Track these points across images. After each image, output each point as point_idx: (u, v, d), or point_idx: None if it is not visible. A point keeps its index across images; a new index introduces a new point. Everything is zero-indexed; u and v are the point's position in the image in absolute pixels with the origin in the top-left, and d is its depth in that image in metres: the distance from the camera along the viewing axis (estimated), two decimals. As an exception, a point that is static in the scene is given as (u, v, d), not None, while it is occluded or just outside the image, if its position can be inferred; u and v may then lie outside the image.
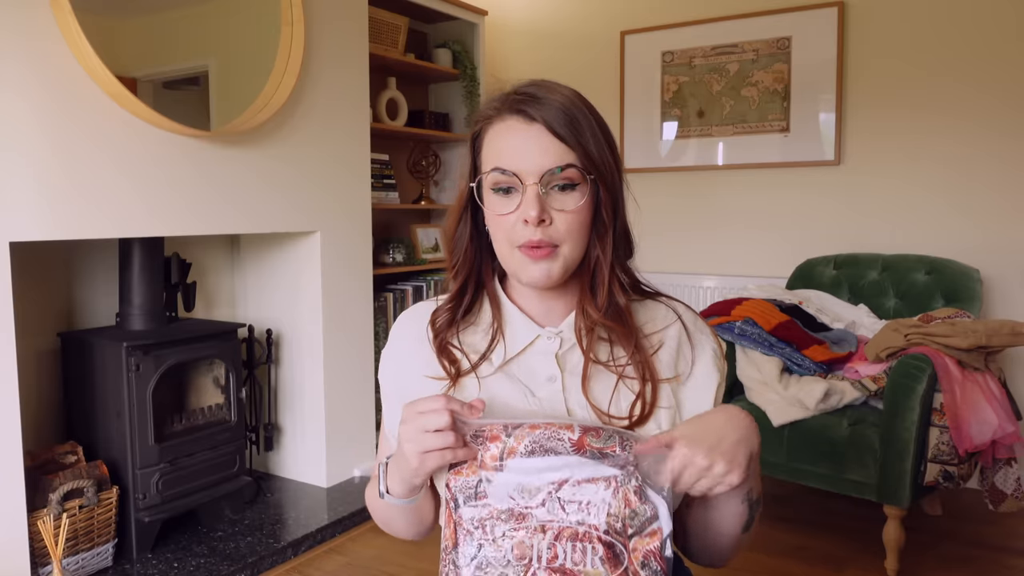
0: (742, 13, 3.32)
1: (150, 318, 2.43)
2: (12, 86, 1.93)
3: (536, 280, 0.89)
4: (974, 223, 2.94)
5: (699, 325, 0.99)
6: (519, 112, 0.88)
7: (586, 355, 0.92)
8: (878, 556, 2.30)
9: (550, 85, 0.91)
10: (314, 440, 2.89)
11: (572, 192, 0.88)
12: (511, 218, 0.88)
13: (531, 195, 0.86)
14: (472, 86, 3.70)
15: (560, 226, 0.87)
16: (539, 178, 0.86)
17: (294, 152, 2.67)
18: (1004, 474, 2.22)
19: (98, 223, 2.12)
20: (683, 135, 3.52)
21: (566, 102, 0.88)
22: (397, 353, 1.02)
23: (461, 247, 0.97)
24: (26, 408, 2.18)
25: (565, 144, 0.86)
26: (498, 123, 0.90)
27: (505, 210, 0.88)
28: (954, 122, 2.96)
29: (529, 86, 0.91)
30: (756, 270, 3.39)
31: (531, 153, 0.86)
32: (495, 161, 0.88)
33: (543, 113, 0.86)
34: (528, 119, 0.87)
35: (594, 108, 0.92)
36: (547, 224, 0.87)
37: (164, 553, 2.33)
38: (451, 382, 0.93)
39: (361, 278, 3.00)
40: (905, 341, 2.30)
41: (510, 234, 0.89)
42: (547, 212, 0.87)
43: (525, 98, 0.88)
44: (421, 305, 1.04)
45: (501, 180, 0.88)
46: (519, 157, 0.87)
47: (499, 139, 0.89)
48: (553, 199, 0.87)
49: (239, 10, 2.49)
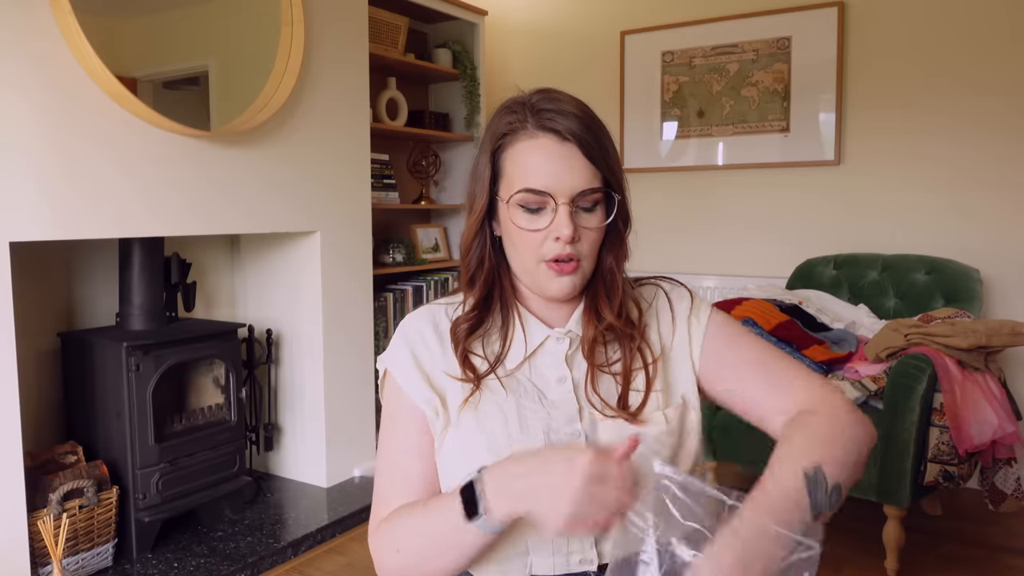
0: (742, 13, 3.32)
1: (150, 318, 2.43)
2: (12, 86, 1.93)
3: (562, 294, 0.93)
4: (974, 223, 2.94)
5: (677, 290, 1.05)
6: (551, 131, 0.89)
7: (592, 359, 0.95)
8: (878, 556, 2.30)
9: (565, 98, 0.92)
10: (314, 440, 2.89)
11: (595, 211, 0.91)
12: (540, 235, 0.90)
13: (564, 215, 0.89)
14: (472, 86, 3.70)
15: (584, 243, 0.91)
16: (571, 199, 0.89)
17: (294, 152, 2.67)
18: (1004, 474, 2.22)
19: (98, 223, 2.12)
20: (683, 135, 3.52)
21: (588, 120, 0.90)
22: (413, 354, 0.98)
23: (483, 258, 0.98)
24: (26, 408, 2.18)
25: (594, 165, 0.89)
26: (526, 140, 0.90)
27: (535, 227, 0.90)
28: (954, 122, 2.96)
29: (547, 100, 0.91)
30: (756, 270, 3.39)
31: (564, 174, 0.89)
32: (526, 179, 0.89)
33: (574, 132, 0.88)
34: (560, 139, 0.89)
35: (600, 120, 0.94)
36: (576, 241, 0.90)
37: (164, 553, 2.33)
38: (475, 385, 0.95)
39: (361, 278, 3.00)
40: (905, 341, 2.30)
41: (538, 249, 0.91)
42: (578, 230, 0.90)
43: (552, 115, 0.89)
44: (424, 309, 1.03)
45: (533, 200, 0.90)
46: (553, 177, 0.89)
47: (529, 156, 0.90)
48: (580, 218, 0.91)
49: (239, 10, 2.49)
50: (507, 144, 0.92)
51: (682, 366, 0.99)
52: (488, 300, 0.98)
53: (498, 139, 0.93)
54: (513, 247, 0.94)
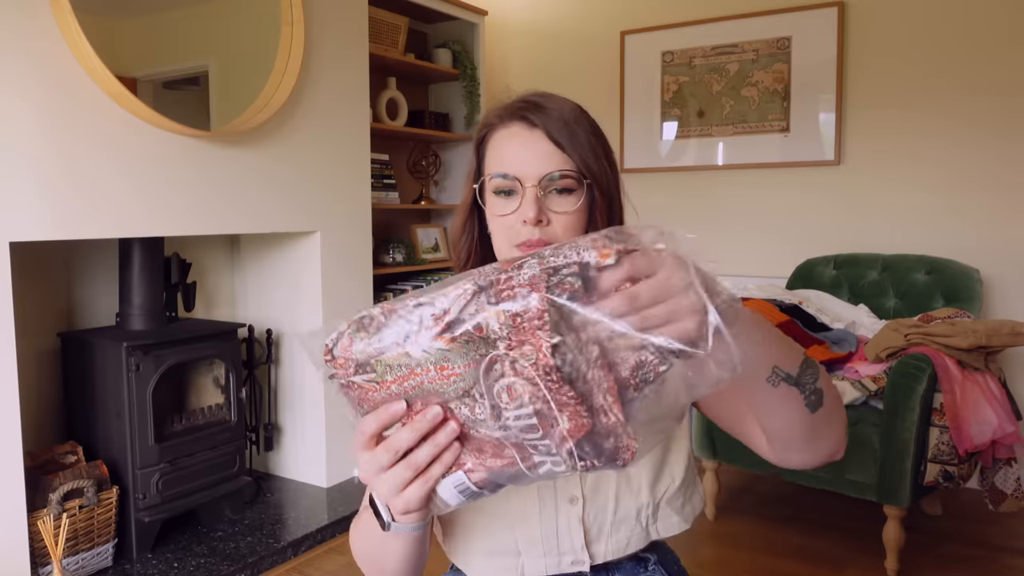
0: (742, 13, 3.32)
1: (150, 318, 2.43)
2: (12, 86, 1.93)
3: None
4: (974, 223, 2.94)
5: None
6: (522, 119, 0.92)
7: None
8: (878, 556, 2.30)
9: (552, 96, 0.95)
10: (314, 440, 2.88)
11: (569, 196, 0.92)
12: (511, 218, 0.92)
13: (530, 197, 0.90)
14: (472, 86, 3.70)
15: (557, 227, 0.91)
16: (538, 181, 0.90)
17: (294, 152, 2.67)
18: (1004, 474, 2.22)
19: (98, 223, 2.12)
20: (683, 135, 3.51)
21: (565, 112, 0.93)
22: None
23: (467, 246, 1.01)
24: (26, 408, 2.18)
25: (563, 151, 0.91)
26: (502, 129, 0.94)
27: (505, 211, 0.92)
28: (955, 122, 2.96)
29: (532, 95, 0.95)
30: (756, 270, 3.39)
31: (531, 158, 0.91)
32: (498, 165, 0.93)
33: (544, 121, 0.91)
34: (530, 125, 0.91)
35: (592, 119, 0.96)
36: (544, 224, 0.91)
37: (164, 553, 2.33)
38: None
39: (361, 278, 3.00)
40: (905, 341, 2.30)
41: (509, 233, 0.92)
42: (545, 213, 0.91)
43: (528, 106, 0.93)
44: None
45: (503, 184, 0.92)
46: (520, 162, 0.91)
47: (502, 144, 0.93)
48: (551, 202, 0.91)
49: (239, 10, 2.49)
50: (488, 135, 0.96)
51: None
52: None
53: (481, 131, 0.97)
54: (494, 237, 0.96)
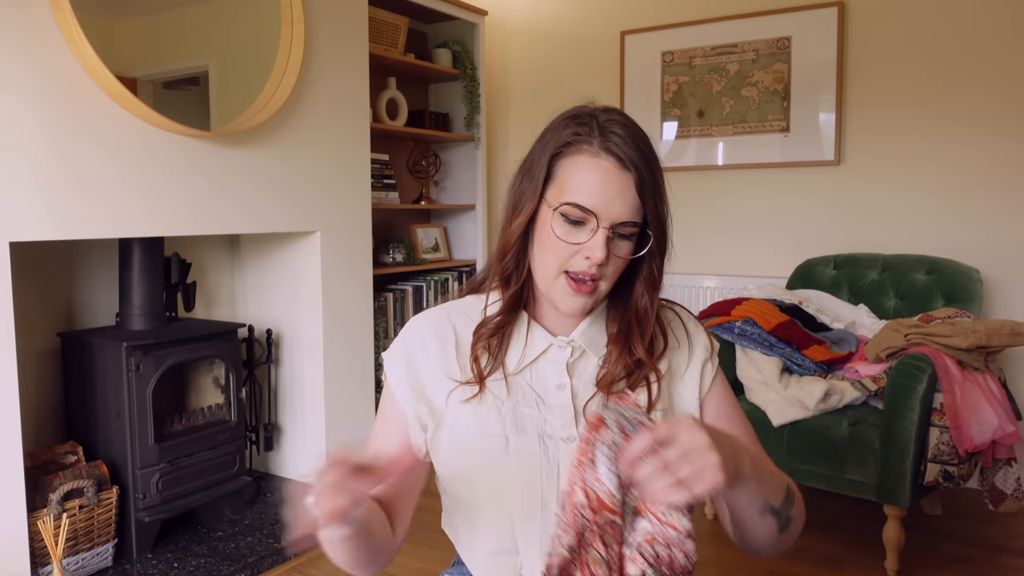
0: (742, 13, 3.32)
1: (150, 318, 2.43)
2: (12, 86, 1.93)
3: (574, 311, 0.95)
4: (974, 223, 2.94)
5: (694, 324, 1.07)
6: (614, 155, 0.90)
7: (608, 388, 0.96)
8: (878, 556, 2.30)
9: (631, 125, 0.93)
10: (314, 440, 2.88)
11: (629, 241, 0.94)
12: (573, 248, 0.92)
13: (601, 239, 0.90)
14: (472, 86, 3.70)
15: (609, 268, 0.93)
16: (611, 224, 0.91)
17: (294, 152, 2.67)
18: (1004, 474, 2.22)
19: (98, 223, 2.12)
20: (683, 135, 3.51)
21: (649, 156, 0.92)
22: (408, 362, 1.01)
23: (520, 259, 0.99)
24: (26, 408, 2.18)
25: (641, 200, 0.92)
26: (589, 156, 0.91)
27: (571, 240, 0.92)
28: (954, 122, 2.96)
29: (617, 123, 0.92)
30: (756, 270, 3.39)
31: (615, 200, 0.90)
32: (577, 194, 0.91)
33: (636, 166, 0.90)
34: (622, 166, 0.90)
35: (658, 157, 0.96)
36: (603, 265, 0.92)
37: (164, 553, 2.33)
38: (479, 386, 0.97)
39: (361, 278, 3.00)
40: (905, 341, 2.30)
41: (565, 260, 0.93)
42: (609, 255, 0.92)
43: (620, 140, 0.91)
44: (429, 313, 1.05)
45: (578, 215, 0.91)
46: (603, 201, 0.90)
47: (589, 174, 0.91)
48: (615, 244, 0.93)
49: (239, 10, 2.49)
50: (568, 153, 0.93)
51: (686, 397, 1.02)
52: (518, 302, 1.00)
53: (560, 146, 0.94)
54: (541, 250, 0.95)
